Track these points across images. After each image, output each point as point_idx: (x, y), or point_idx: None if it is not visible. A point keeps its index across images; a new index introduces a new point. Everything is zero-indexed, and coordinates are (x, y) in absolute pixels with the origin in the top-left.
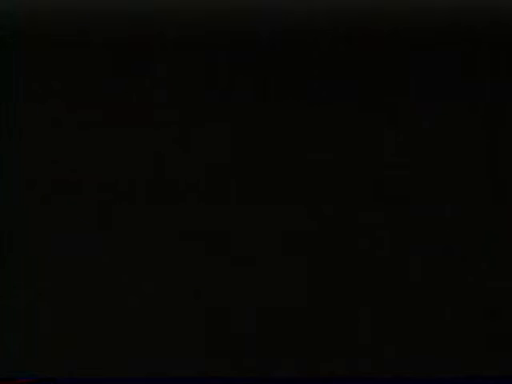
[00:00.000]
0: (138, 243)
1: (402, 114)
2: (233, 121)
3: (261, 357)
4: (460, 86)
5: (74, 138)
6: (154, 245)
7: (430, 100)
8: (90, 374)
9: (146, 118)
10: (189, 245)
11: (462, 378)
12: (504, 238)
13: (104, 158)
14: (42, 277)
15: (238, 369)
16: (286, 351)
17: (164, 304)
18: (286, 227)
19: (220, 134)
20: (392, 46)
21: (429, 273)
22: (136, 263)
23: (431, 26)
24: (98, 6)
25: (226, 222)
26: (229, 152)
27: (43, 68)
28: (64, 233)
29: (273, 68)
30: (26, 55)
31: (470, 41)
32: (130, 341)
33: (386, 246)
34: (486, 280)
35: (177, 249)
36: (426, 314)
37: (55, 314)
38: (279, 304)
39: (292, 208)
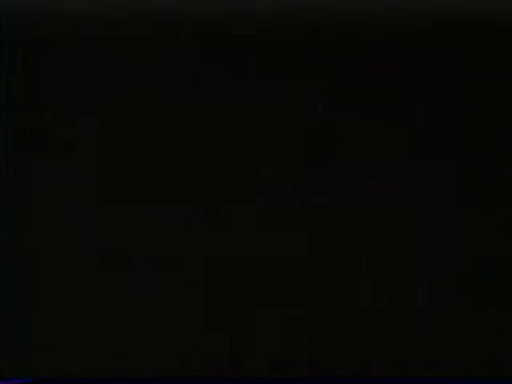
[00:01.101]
0: (136, 245)
1: (401, 113)
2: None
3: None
4: (460, 84)
5: (72, 141)
6: (152, 244)
7: (429, 100)
8: (88, 375)
9: (150, 121)
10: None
11: (462, 378)
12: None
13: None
14: (40, 278)
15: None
16: (285, 350)
17: (162, 304)
18: (288, 229)
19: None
20: (392, 46)
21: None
22: (134, 265)
23: (432, 25)
24: (97, 7)
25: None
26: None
27: (43, 68)
28: (60, 234)
29: (272, 67)
30: (27, 55)
31: (471, 41)
32: (129, 341)
33: (386, 248)
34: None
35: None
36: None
37: (52, 314)
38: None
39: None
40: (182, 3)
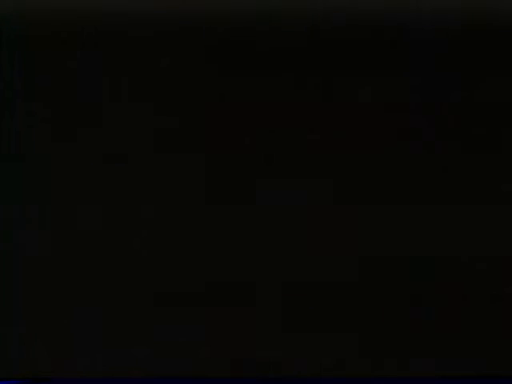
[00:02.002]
0: (134, 245)
1: (401, 113)
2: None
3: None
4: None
5: (70, 139)
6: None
7: (429, 99)
8: (88, 375)
9: (151, 120)
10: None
11: (462, 379)
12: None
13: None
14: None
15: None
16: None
17: (162, 303)
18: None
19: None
20: (392, 46)
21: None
22: (133, 264)
23: (432, 25)
24: (97, 7)
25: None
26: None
27: (42, 68)
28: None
29: (274, 66)
30: (26, 55)
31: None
32: (129, 341)
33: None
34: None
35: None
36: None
37: (52, 314)
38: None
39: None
40: (182, 4)
